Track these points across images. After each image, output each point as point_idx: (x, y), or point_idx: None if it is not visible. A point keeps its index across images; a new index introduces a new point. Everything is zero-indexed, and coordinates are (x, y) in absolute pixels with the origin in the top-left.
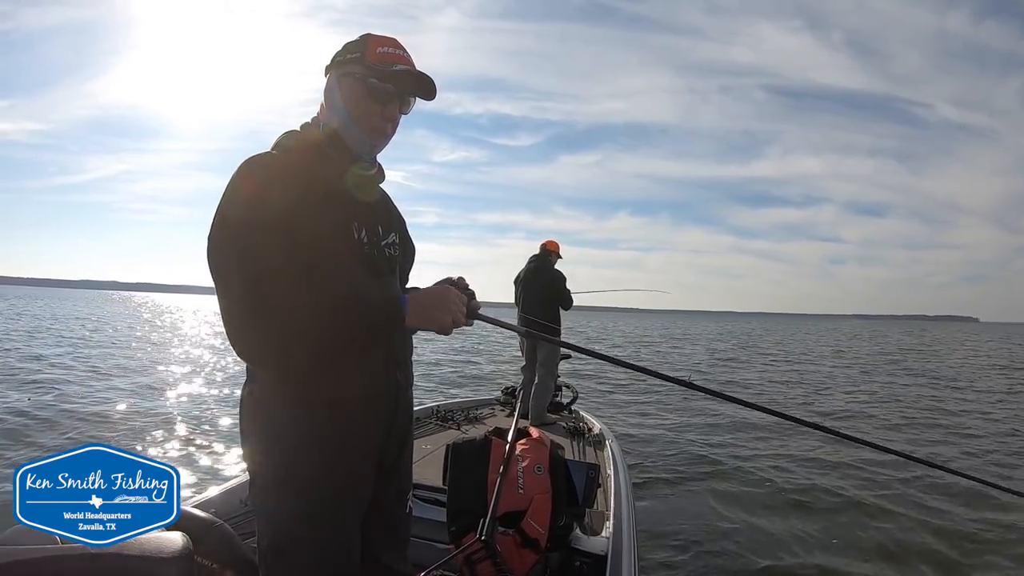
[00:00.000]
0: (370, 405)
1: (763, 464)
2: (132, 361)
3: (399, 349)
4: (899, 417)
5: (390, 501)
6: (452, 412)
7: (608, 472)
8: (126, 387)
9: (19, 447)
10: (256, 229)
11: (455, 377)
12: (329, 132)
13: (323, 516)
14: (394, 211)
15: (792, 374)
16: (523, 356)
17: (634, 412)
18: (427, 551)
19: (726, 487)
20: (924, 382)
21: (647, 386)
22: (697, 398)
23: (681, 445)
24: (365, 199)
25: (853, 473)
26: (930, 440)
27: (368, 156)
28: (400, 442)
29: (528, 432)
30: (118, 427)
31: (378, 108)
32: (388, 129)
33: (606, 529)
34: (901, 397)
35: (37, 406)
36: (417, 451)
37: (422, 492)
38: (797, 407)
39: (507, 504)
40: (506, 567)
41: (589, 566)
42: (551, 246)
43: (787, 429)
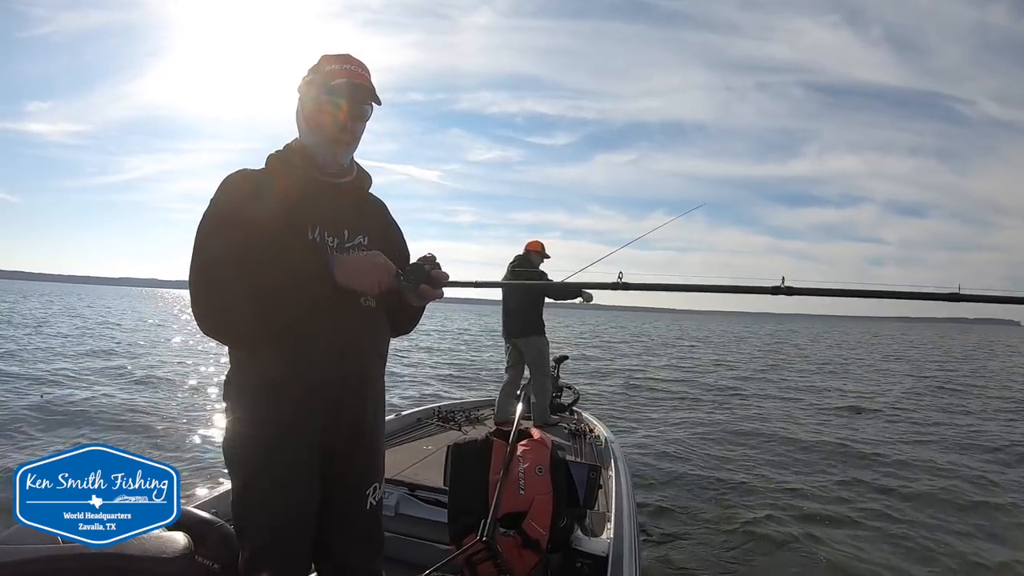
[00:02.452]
0: (310, 393)
1: (764, 466)
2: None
3: (345, 340)
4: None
5: (346, 498)
6: (453, 413)
7: (609, 473)
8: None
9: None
10: (208, 228)
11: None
12: (299, 146)
13: (265, 495)
14: (370, 215)
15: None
16: (506, 358)
17: (636, 414)
18: (428, 552)
19: (727, 489)
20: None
21: (648, 388)
22: (698, 399)
23: (683, 447)
24: (325, 204)
25: (855, 474)
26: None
27: (333, 164)
28: (351, 436)
29: (529, 433)
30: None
31: (330, 119)
32: (344, 137)
33: (607, 530)
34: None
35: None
36: (418, 452)
37: (423, 493)
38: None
39: (508, 505)
40: (507, 568)
41: (590, 567)
42: (534, 246)
43: (788, 431)
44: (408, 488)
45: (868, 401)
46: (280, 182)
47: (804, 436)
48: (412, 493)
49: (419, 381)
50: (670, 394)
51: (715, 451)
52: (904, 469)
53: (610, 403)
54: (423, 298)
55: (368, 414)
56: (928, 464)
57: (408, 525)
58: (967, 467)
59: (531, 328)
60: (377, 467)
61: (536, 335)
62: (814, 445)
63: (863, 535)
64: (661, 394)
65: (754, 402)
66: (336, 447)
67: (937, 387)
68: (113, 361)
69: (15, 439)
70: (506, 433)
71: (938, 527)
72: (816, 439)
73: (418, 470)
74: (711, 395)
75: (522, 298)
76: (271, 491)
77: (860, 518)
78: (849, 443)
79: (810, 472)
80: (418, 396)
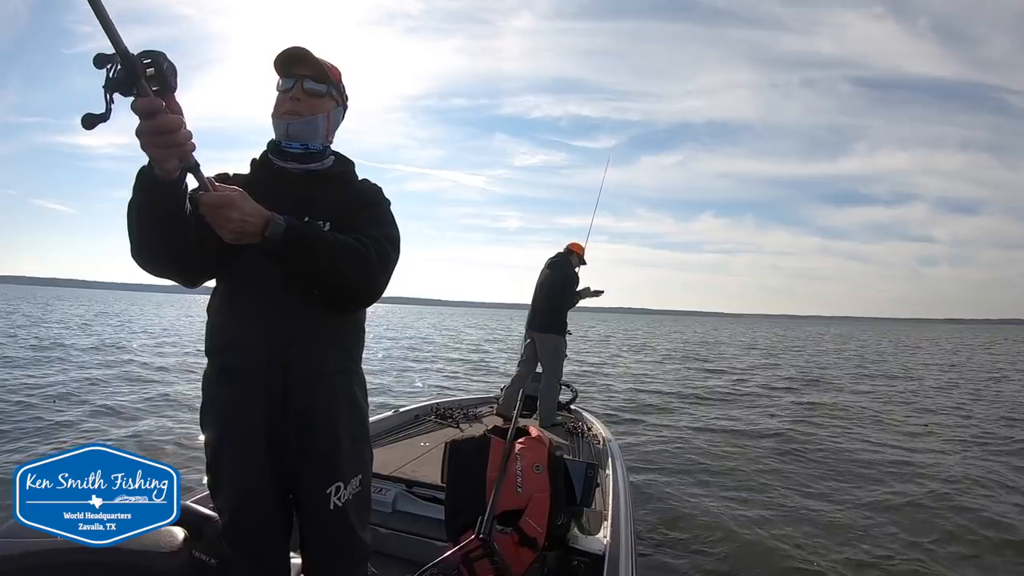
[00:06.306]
0: (255, 377)
1: (764, 467)
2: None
3: (295, 327)
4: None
5: (307, 494)
6: (451, 410)
7: (607, 472)
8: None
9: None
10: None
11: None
12: (272, 140)
13: (221, 475)
14: (335, 199)
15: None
16: (522, 351)
17: (634, 412)
18: (425, 548)
19: (726, 488)
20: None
21: (648, 387)
22: (698, 400)
23: (681, 446)
24: (288, 192)
25: (855, 476)
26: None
27: (288, 141)
28: (303, 429)
29: (527, 431)
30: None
31: (278, 95)
32: (287, 105)
33: (604, 528)
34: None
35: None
36: (416, 449)
37: (421, 489)
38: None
39: (506, 503)
40: (504, 565)
41: (587, 565)
42: (575, 247)
43: (789, 432)
44: (405, 485)
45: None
46: (248, 177)
47: (814, 440)
48: (409, 490)
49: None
50: (671, 394)
51: (715, 451)
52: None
53: (608, 402)
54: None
55: (321, 408)
56: (944, 474)
57: (405, 522)
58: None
59: (551, 326)
60: (340, 466)
61: (555, 333)
62: (818, 448)
63: (866, 538)
64: (661, 395)
65: (755, 403)
66: (288, 440)
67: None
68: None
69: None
70: (504, 430)
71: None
72: (821, 441)
73: (416, 467)
74: (711, 395)
75: (549, 294)
76: (219, 474)
77: (864, 520)
78: (868, 450)
79: (813, 473)
80: (417, 395)
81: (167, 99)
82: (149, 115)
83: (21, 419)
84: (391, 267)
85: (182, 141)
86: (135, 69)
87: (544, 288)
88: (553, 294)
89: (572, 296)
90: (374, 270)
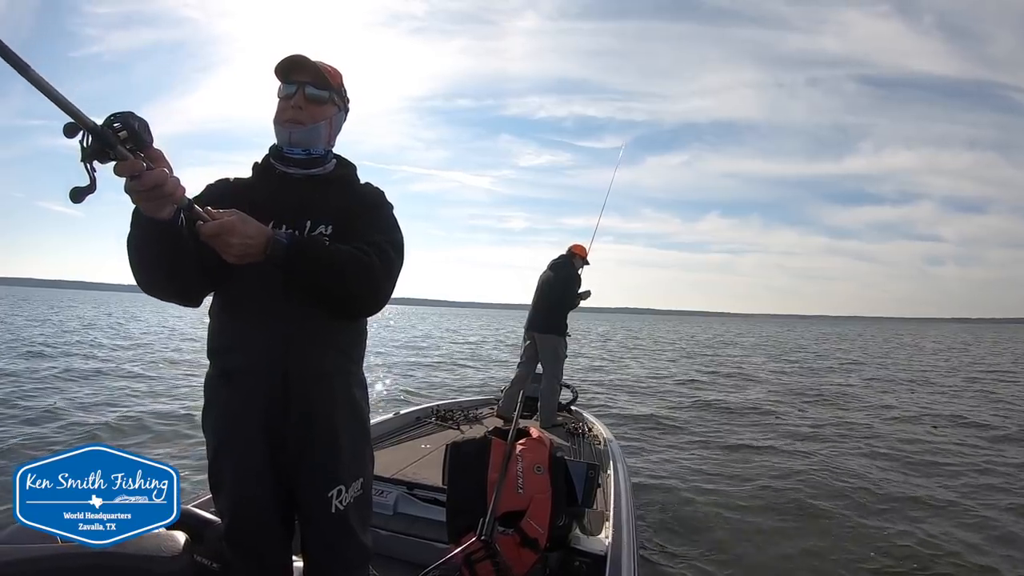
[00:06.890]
0: (255, 379)
1: (765, 467)
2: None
3: (293, 329)
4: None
5: (306, 496)
6: (452, 412)
7: (608, 472)
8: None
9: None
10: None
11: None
12: (274, 145)
13: (221, 477)
14: (337, 203)
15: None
16: (522, 352)
17: (635, 413)
18: (427, 550)
19: (727, 489)
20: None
21: (649, 387)
22: (698, 400)
23: (682, 446)
24: (289, 197)
25: (856, 477)
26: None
27: (290, 148)
28: (303, 430)
29: (528, 432)
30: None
31: (279, 102)
32: (289, 113)
33: (605, 529)
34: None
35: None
36: (416, 451)
37: (422, 491)
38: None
39: (507, 504)
40: (506, 566)
41: (588, 566)
42: (577, 250)
43: (790, 433)
44: (407, 487)
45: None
46: (251, 181)
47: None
48: (410, 492)
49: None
50: (673, 395)
51: (716, 451)
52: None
53: (608, 401)
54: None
55: (320, 410)
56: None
57: (406, 524)
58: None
59: (551, 326)
60: (341, 469)
61: (555, 334)
62: (818, 449)
63: (867, 540)
64: (662, 394)
65: (760, 405)
66: (288, 443)
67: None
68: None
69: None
70: (505, 432)
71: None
72: (821, 442)
73: (417, 469)
74: (712, 395)
75: (550, 295)
76: (220, 476)
77: (865, 521)
78: (872, 455)
79: (814, 474)
80: (418, 394)
81: (147, 152)
82: (134, 177)
83: (21, 419)
84: (395, 273)
85: (171, 191)
86: (107, 138)
87: (545, 289)
88: (554, 295)
89: (574, 297)
90: (377, 278)
